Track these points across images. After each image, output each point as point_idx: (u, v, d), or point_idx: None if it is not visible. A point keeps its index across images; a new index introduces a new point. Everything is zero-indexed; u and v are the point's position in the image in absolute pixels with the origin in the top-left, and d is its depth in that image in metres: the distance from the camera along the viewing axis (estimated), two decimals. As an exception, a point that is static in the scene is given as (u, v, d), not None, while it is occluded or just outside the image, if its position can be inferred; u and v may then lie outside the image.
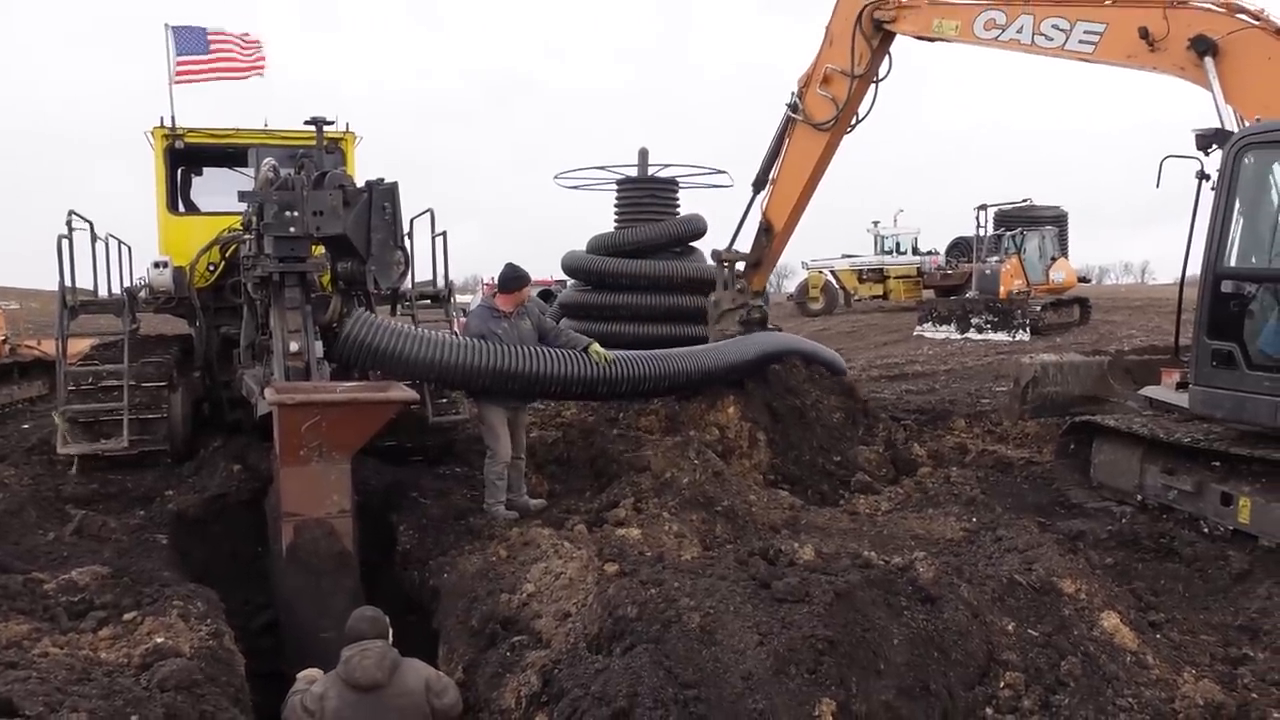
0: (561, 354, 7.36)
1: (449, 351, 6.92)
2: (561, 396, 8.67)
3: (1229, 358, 6.58)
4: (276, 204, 6.50)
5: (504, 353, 7.04)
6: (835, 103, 9.45)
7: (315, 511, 5.95)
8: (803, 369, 9.54)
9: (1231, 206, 6.66)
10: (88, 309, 9.67)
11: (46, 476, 8.56)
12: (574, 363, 7.38)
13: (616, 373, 7.64)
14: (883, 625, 4.65)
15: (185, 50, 10.52)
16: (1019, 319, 22.29)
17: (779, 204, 10.14)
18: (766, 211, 10.23)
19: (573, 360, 7.38)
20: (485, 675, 5.01)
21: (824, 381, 9.62)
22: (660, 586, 4.79)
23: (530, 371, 7.13)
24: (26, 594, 5.34)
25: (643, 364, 7.96)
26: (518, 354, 7.12)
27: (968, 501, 7.32)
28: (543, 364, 7.19)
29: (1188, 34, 7.00)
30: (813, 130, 9.69)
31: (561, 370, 7.28)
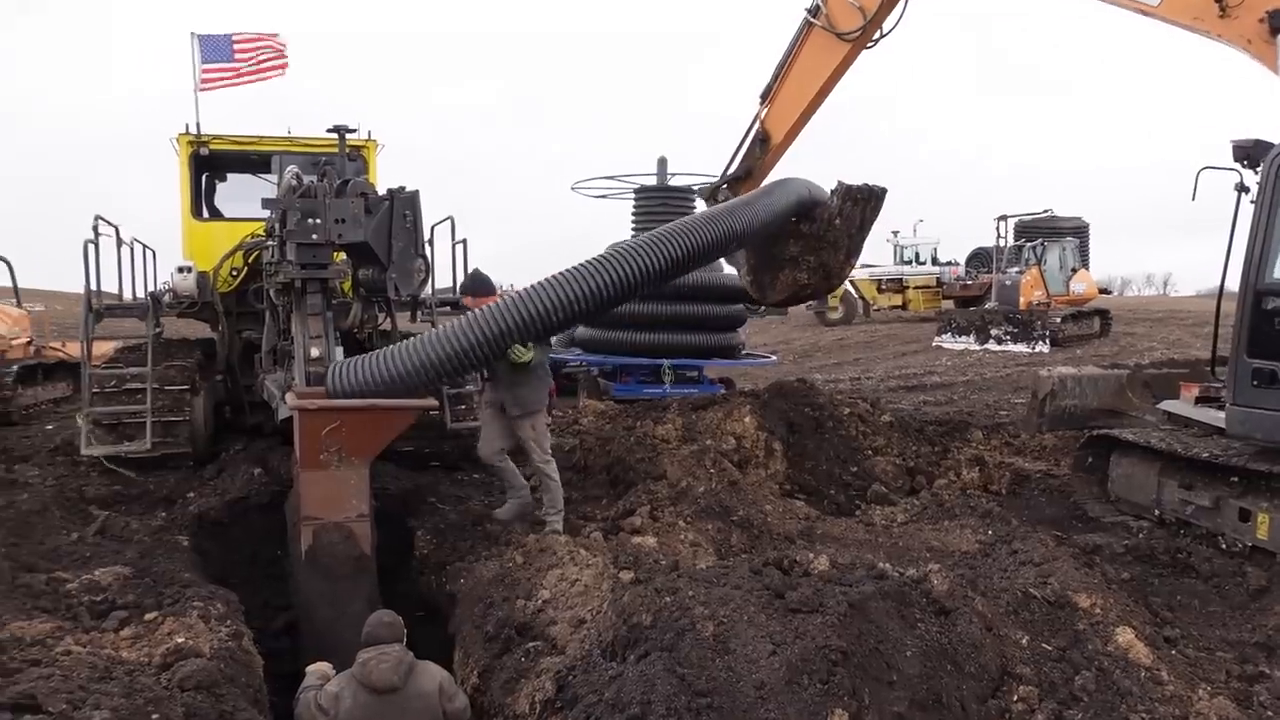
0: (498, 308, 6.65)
1: (418, 352, 6.45)
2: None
3: (1271, 377, 6.44)
4: (299, 211, 6.56)
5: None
6: (864, 11, 8.67)
7: (334, 515, 6.00)
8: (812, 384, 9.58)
9: (1273, 221, 6.49)
10: (112, 313, 9.78)
11: (70, 477, 8.65)
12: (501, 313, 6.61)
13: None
14: (896, 637, 4.65)
15: (210, 58, 10.64)
16: (1039, 330, 22.24)
17: (780, 115, 9.47)
18: (765, 121, 9.57)
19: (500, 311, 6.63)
20: (500, 680, 5.05)
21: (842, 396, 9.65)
22: (675, 595, 4.81)
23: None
24: (50, 593, 5.43)
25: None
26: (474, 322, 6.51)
27: (984, 514, 7.31)
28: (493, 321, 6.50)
29: (1266, 5, 6.63)
30: (832, 40, 8.90)
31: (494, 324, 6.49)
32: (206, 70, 10.60)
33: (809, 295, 9.79)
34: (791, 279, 8.98)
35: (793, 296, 9.55)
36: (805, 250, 8.73)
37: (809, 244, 8.68)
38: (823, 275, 8.95)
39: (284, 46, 11.22)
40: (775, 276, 9.14)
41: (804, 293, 9.49)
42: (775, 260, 9.02)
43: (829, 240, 8.57)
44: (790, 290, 9.20)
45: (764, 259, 9.20)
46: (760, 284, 9.44)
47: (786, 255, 8.87)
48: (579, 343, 14.27)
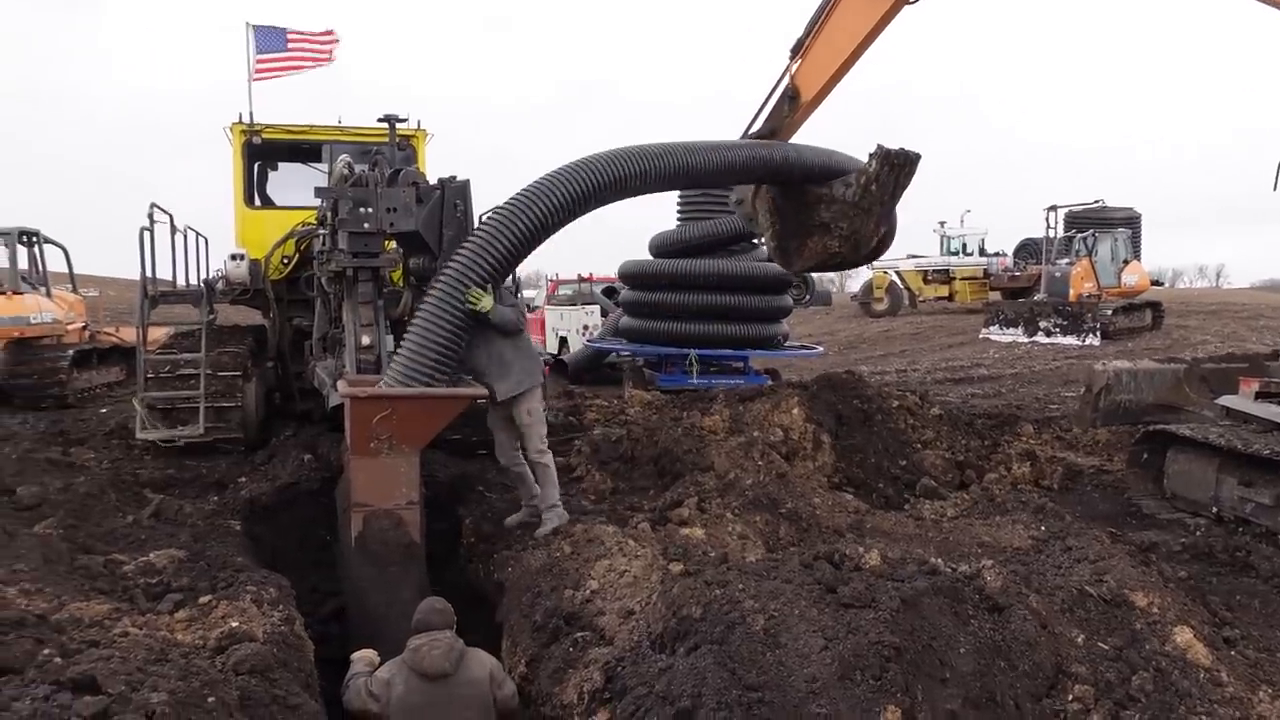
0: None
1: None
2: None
3: None
4: (351, 200, 6.62)
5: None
6: None
7: (384, 502, 6.05)
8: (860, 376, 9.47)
9: None
10: (167, 299, 9.92)
11: (125, 460, 8.82)
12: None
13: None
14: (949, 633, 4.60)
15: (265, 49, 10.75)
16: (1089, 323, 21.88)
17: (811, 72, 8.90)
18: (795, 77, 8.98)
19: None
20: (548, 670, 5.05)
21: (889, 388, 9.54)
22: (725, 587, 4.79)
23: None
24: (107, 575, 5.52)
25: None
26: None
27: (1036, 509, 7.21)
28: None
29: None
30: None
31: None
32: (261, 60, 10.71)
33: (836, 264, 9.32)
34: (821, 246, 8.65)
35: (820, 264, 9.17)
36: (838, 216, 8.40)
37: (842, 210, 8.34)
38: (853, 244, 8.58)
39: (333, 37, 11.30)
40: (803, 243, 8.81)
41: (832, 261, 9.05)
42: (804, 226, 8.70)
43: (863, 206, 8.24)
44: (819, 258, 8.85)
45: (791, 224, 8.87)
46: (786, 250, 9.09)
47: (817, 221, 8.54)
48: (622, 332, 14.28)
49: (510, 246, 6.35)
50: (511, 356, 6.75)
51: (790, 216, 8.79)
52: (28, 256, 15.38)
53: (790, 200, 8.66)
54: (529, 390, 6.80)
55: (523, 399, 6.79)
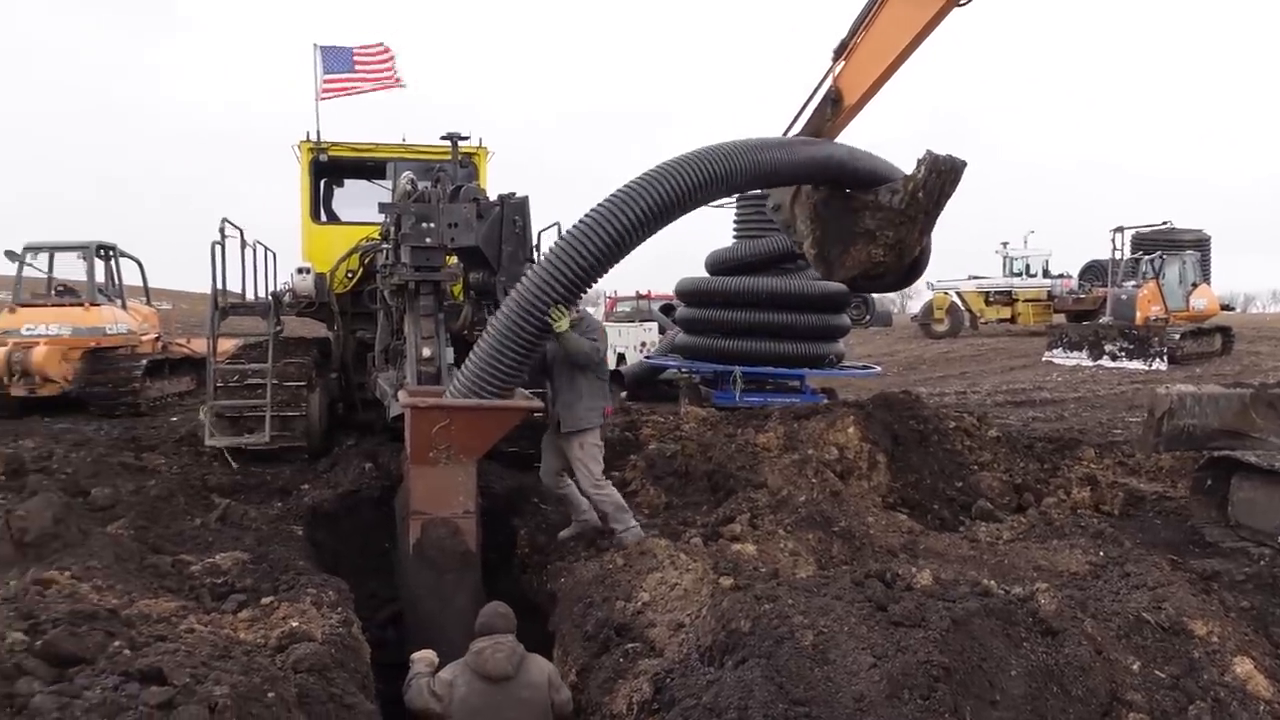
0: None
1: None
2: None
3: None
4: (414, 215, 6.79)
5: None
6: None
7: (441, 511, 6.17)
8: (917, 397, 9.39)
9: None
10: (236, 311, 10.20)
11: (194, 466, 9.08)
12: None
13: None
14: (1000, 655, 4.57)
15: (332, 69, 11.04)
16: (1156, 347, 21.43)
17: (856, 74, 8.57)
18: (839, 80, 8.65)
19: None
20: (598, 679, 5.11)
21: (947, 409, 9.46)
22: (775, 602, 4.82)
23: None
24: (175, 574, 5.70)
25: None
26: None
27: (1095, 534, 7.10)
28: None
29: None
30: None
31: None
32: (328, 80, 10.99)
33: (880, 274, 8.95)
34: (865, 255, 8.46)
35: (863, 274, 8.84)
36: (883, 224, 8.22)
37: (888, 217, 8.17)
38: (897, 254, 8.43)
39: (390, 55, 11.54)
40: (846, 251, 8.58)
41: (875, 270, 8.74)
42: (847, 233, 8.49)
43: (909, 215, 8.09)
44: (862, 267, 8.60)
45: (833, 232, 8.62)
46: (827, 259, 8.80)
47: (860, 229, 8.36)
48: (678, 349, 14.35)
49: (590, 261, 6.16)
50: (584, 390, 6.80)
51: (832, 223, 8.60)
52: (104, 270, 15.91)
53: (833, 207, 8.51)
54: (585, 429, 6.83)
55: (576, 435, 6.83)
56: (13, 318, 14.57)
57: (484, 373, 6.16)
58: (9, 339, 14.03)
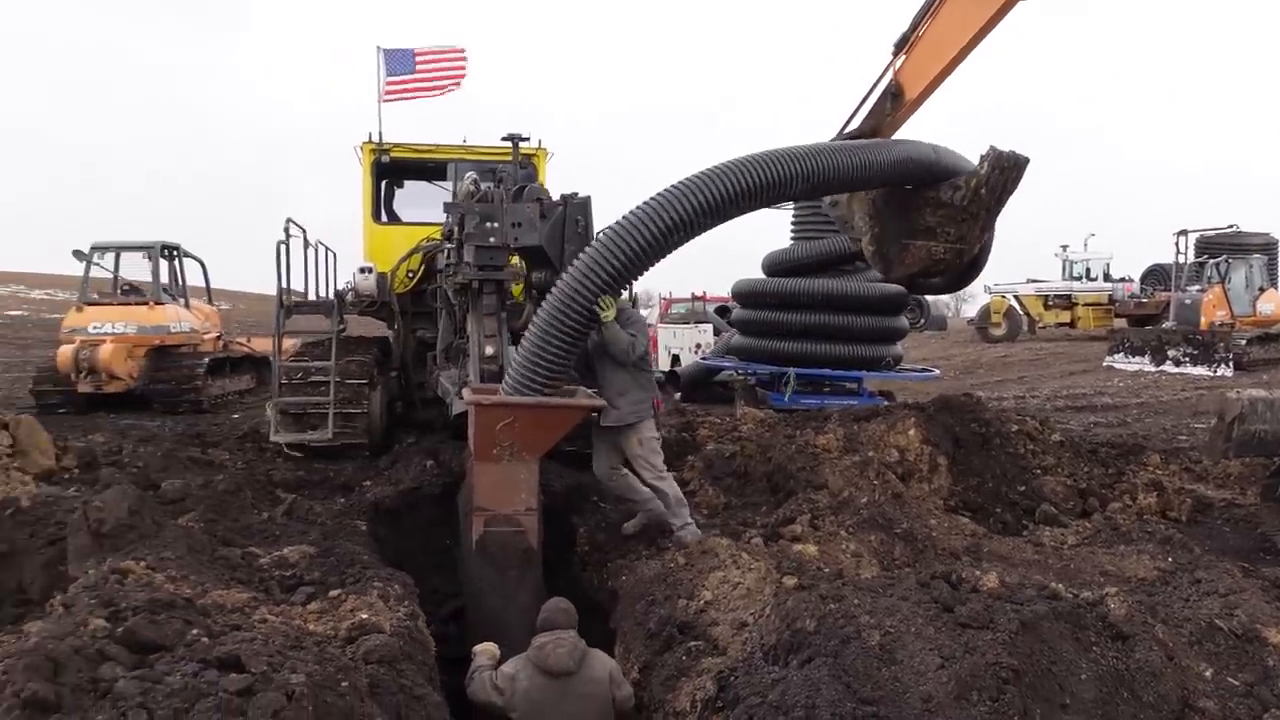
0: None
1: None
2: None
3: None
4: (478, 215, 6.85)
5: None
6: None
7: (504, 508, 6.22)
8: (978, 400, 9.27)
9: None
10: (301, 310, 10.37)
11: (258, 461, 9.25)
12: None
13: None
14: (1070, 659, 4.52)
15: (394, 71, 11.17)
16: (1221, 353, 20.95)
17: (918, 67, 8.44)
18: (899, 74, 8.53)
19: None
20: (660, 677, 5.10)
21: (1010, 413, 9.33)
22: (840, 602, 4.79)
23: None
24: (245, 566, 5.79)
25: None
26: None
27: (1163, 540, 6.97)
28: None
29: None
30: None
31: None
32: (390, 82, 11.13)
33: (939, 272, 8.75)
34: (926, 252, 8.29)
35: (922, 272, 8.65)
36: (945, 221, 8.08)
37: (950, 214, 8.02)
38: (957, 251, 8.28)
39: (464, 61, 11.64)
40: (906, 249, 8.41)
41: (936, 269, 8.57)
42: (907, 230, 8.32)
43: (971, 211, 7.95)
44: (922, 265, 8.43)
45: (893, 228, 8.47)
46: (885, 256, 8.65)
47: (921, 225, 8.19)
48: (734, 350, 14.33)
49: (630, 255, 6.23)
50: (627, 384, 6.72)
51: (891, 221, 8.48)
52: (168, 269, 16.26)
53: (893, 204, 8.40)
54: (638, 423, 6.76)
55: (631, 430, 6.76)
56: (80, 316, 14.96)
57: (531, 365, 6.20)
58: (76, 337, 14.41)
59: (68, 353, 14.13)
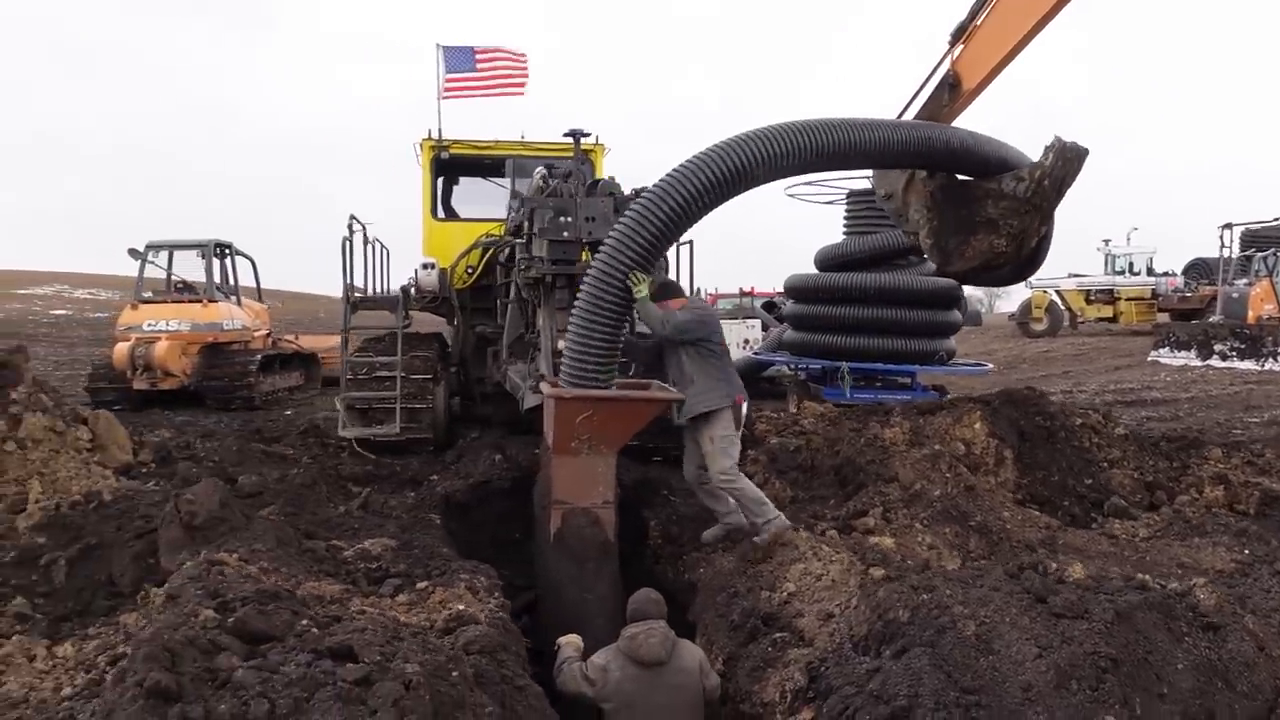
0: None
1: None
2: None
3: None
4: (551, 209, 6.90)
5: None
6: None
7: (582, 500, 6.26)
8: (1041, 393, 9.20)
9: None
10: (366, 305, 10.48)
11: (323, 456, 9.34)
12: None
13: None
14: (1165, 649, 4.52)
15: (454, 68, 11.24)
16: (1269, 346, 20.64)
17: (975, 58, 8.25)
18: (956, 64, 8.33)
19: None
20: (746, 668, 5.14)
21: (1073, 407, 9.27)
22: (932, 593, 4.81)
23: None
24: (330, 559, 5.88)
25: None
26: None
27: (1238, 533, 6.93)
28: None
29: None
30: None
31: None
32: (450, 80, 11.20)
33: (1000, 266, 8.52)
34: (987, 245, 8.10)
35: (983, 265, 8.36)
36: (1007, 213, 7.90)
37: (1012, 206, 7.86)
38: (1018, 244, 8.10)
39: (525, 63, 11.68)
40: (966, 241, 8.21)
41: (996, 262, 8.33)
42: (967, 222, 8.15)
43: (1034, 203, 7.80)
44: (983, 258, 8.21)
45: (952, 221, 8.27)
46: (944, 249, 8.41)
47: (982, 217, 8.02)
48: (785, 345, 14.30)
49: (661, 224, 6.16)
50: (693, 372, 6.49)
51: (950, 213, 8.32)
52: (219, 267, 16.44)
53: (951, 195, 8.28)
54: (711, 414, 6.45)
55: (703, 424, 6.48)
56: (135, 314, 15.15)
57: (580, 355, 6.17)
58: (132, 334, 14.60)
59: (124, 350, 14.31)
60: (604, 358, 6.22)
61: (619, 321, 6.28)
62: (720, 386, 6.54)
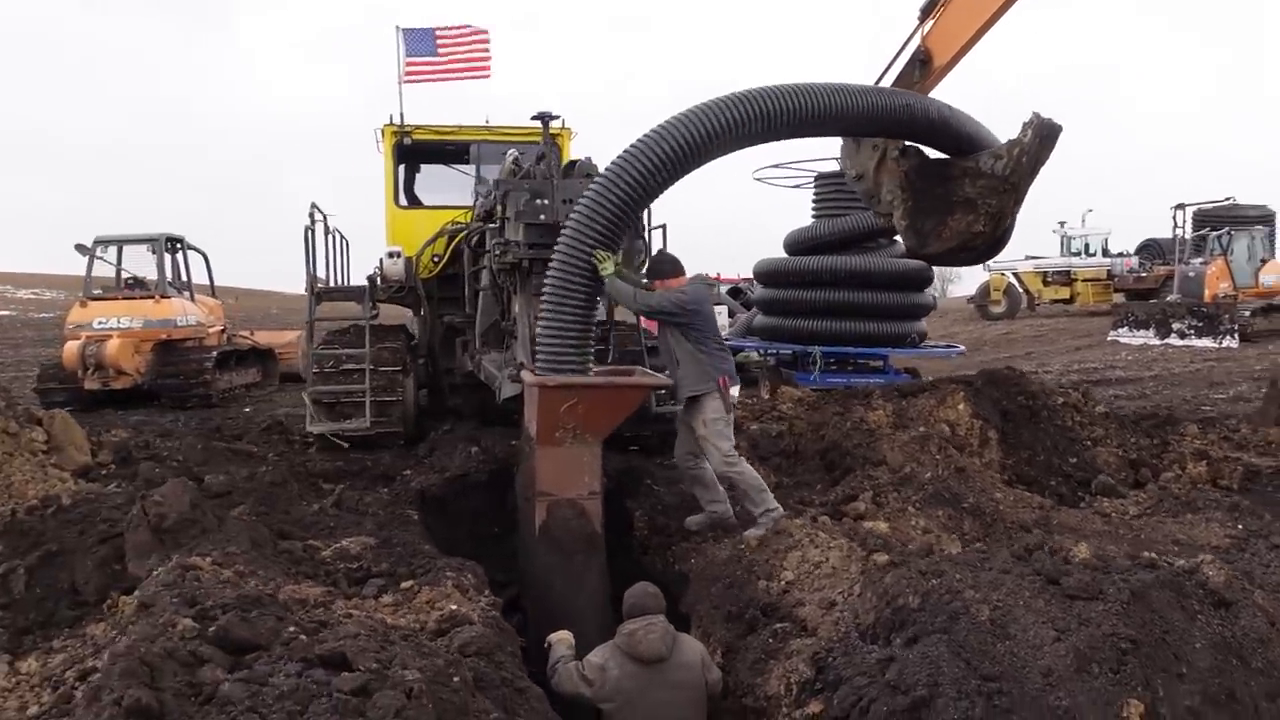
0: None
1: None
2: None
3: None
4: (527, 192, 6.64)
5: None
6: None
7: (567, 492, 6.02)
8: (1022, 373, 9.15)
9: None
10: (331, 296, 10.16)
11: (289, 453, 9.02)
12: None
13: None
14: (1182, 628, 4.42)
15: (414, 51, 10.92)
16: (1226, 324, 20.96)
17: (948, 31, 8.06)
18: (927, 39, 8.13)
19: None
20: (746, 661, 4.97)
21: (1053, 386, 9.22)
22: (941, 577, 4.66)
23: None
24: (308, 560, 5.60)
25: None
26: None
27: (1230, 508, 6.89)
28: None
29: None
30: None
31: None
32: (410, 63, 10.88)
33: (976, 246, 8.31)
34: (964, 225, 7.89)
35: (960, 247, 8.15)
36: (985, 192, 7.69)
37: (990, 185, 7.65)
38: (995, 223, 7.89)
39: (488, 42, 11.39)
40: (943, 222, 8.00)
41: (974, 243, 8.11)
42: (944, 202, 7.95)
43: (1012, 182, 7.59)
44: (960, 239, 8.00)
45: (928, 201, 8.06)
46: (920, 231, 8.19)
47: (959, 197, 7.82)
48: (755, 330, 14.19)
49: (622, 198, 5.97)
50: (680, 355, 6.33)
51: (926, 193, 8.11)
52: (171, 263, 15.96)
53: (926, 175, 8.09)
54: (700, 398, 6.31)
55: (695, 406, 6.34)
56: (84, 311, 14.66)
57: (554, 339, 5.99)
58: (82, 332, 14.12)
59: (74, 349, 13.84)
60: (578, 341, 6.05)
61: (590, 303, 6.12)
62: (709, 367, 6.36)
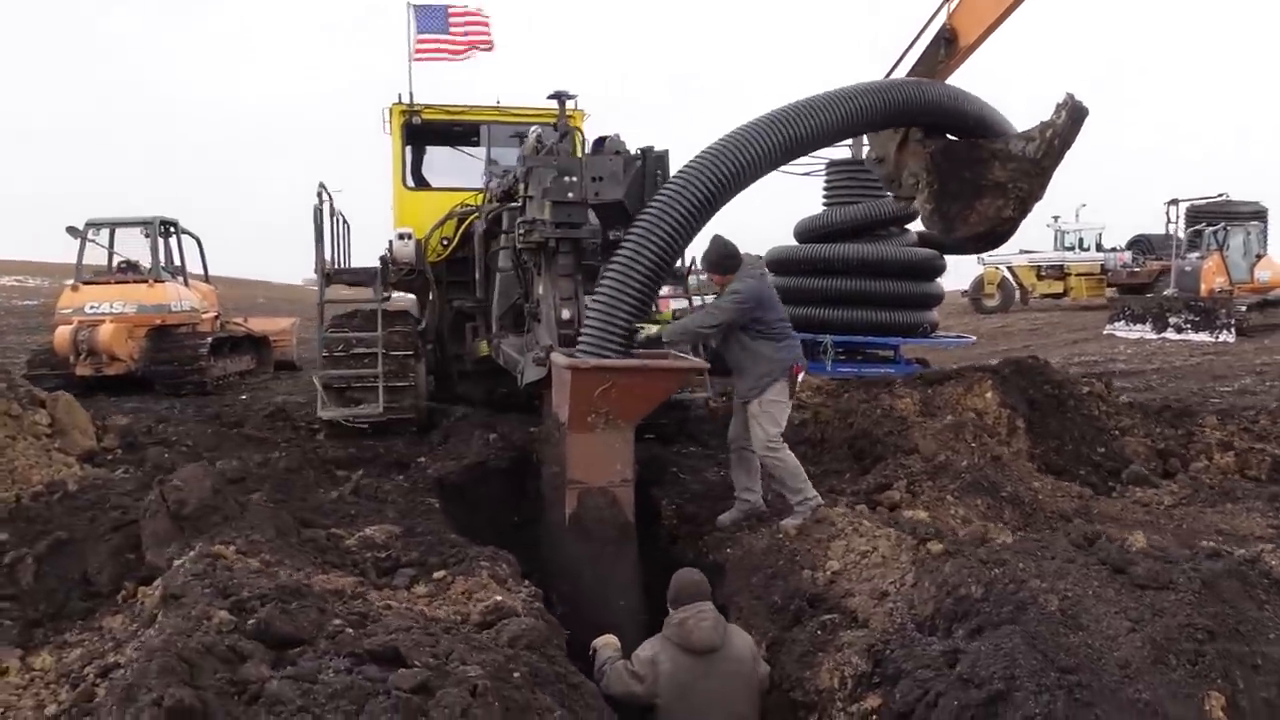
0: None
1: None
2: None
3: None
4: (555, 169, 6.42)
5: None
6: None
7: (599, 480, 5.81)
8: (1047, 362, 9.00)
9: None
10: (341, 278, 9.91)
11: (297, 439, 8.78)
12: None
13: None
14: (1253, 618, 4.27)
15: (426, 28, 10.68)
16: (1222, 319, 20.93)
17: (972, 13, 7.86)
18: (953, 18, 7.95)
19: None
20: (794, 654, 4.76)
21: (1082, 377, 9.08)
22: (1003, 567, 4.50)
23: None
24: (333, 549, 5.37)
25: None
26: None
27: (1270, 497, 6.76)
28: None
29: None
30: None
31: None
32: (421, 40, 10.63)
33: (1005, 232, 8.14)
34: (994, 209, 7.72)
35: (989, 232, 7.96)
36: (1016, 176, 7.54)
37: (1021, 168, 7.51)
38: (1022, 209, 7.75)
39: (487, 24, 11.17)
40: (970, 206, 7.82)
41: (1002, 228, 7.95)
42: (971, 186, 7.77)
43: (1043, 165, 7.47)
44: (989, 224, 7.82)
45: (955, 185, 7.87)
46: (946, 215, 7.97)
47: (989, 181, 7.65)
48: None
49: (706, 192, 6.05)
50: (750, 352, 6.32)
51: (952, 176, 7.91)
52: (165, 246, 15.62)
53: (953, 158, 7.91)
54: (758, 387, 6.26)
55: (750, 396, 6.30)
56: (76, 296, 14.33)
57: (605, 325, 5.87)
58: (74, 317, 13.79)
59: (65, 334, 13.51)
60: (626, 331, 5.94)
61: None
62: (773, 364, 6.35)
